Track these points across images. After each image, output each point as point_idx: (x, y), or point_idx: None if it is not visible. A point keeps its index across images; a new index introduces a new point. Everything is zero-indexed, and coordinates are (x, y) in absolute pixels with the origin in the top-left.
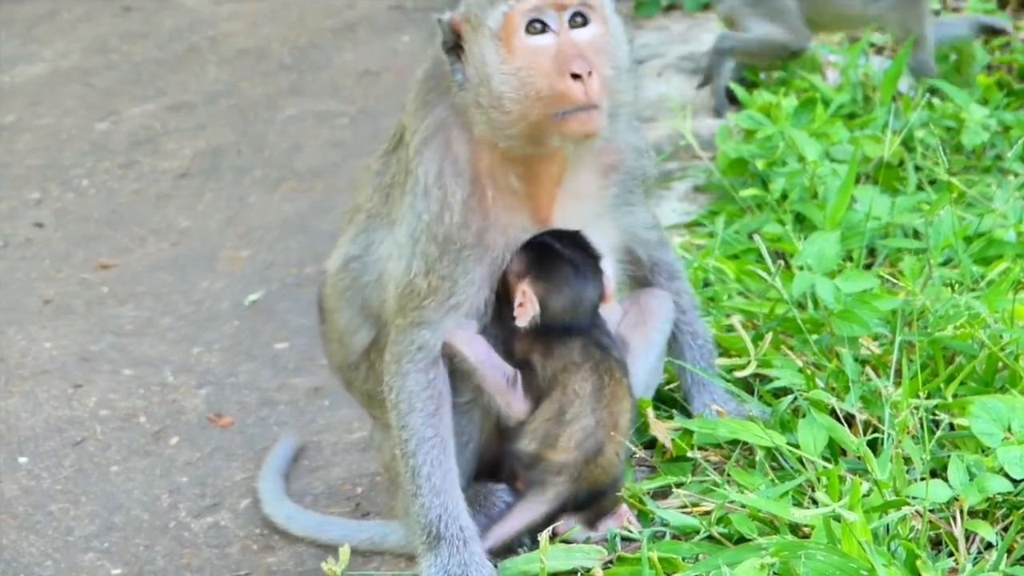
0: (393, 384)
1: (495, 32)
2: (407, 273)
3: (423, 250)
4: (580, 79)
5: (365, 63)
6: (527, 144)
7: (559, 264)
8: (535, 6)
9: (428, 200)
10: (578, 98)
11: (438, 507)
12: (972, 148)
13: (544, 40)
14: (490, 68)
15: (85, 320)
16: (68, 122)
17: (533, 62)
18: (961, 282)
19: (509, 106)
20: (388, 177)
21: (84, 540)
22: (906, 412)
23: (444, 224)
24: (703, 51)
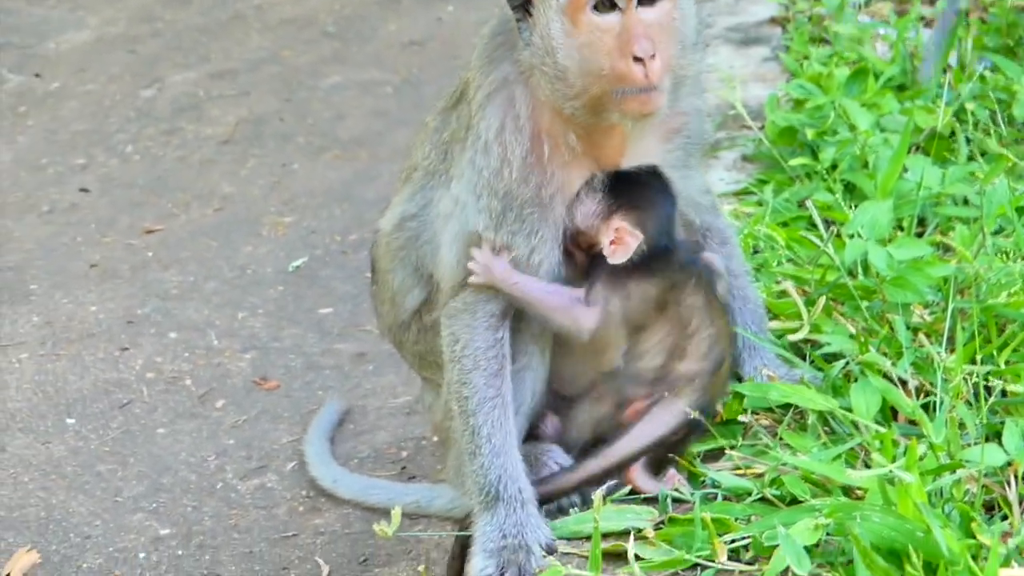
0: (460, 336)
1: (562, 5)
2: (472, 227)
3: (486, 205)
4: (642, 62)
5: (409, 33)
6: (589, 114)
7: (644, 188)
8: None
9: (488, 156)
10: (638, 80)
11: (498, 468)
12: (1023, 120)
13: (610, 19)
14: (555, 40)
15: (130, 284)
16: (113, 89)
17: (597, 39)
18: (1014, 251)
19: (571, 79)
20: (447, 133)
21: (132, 500)
22: (960, 377)
23: (504, 180)
24: (752, 22)
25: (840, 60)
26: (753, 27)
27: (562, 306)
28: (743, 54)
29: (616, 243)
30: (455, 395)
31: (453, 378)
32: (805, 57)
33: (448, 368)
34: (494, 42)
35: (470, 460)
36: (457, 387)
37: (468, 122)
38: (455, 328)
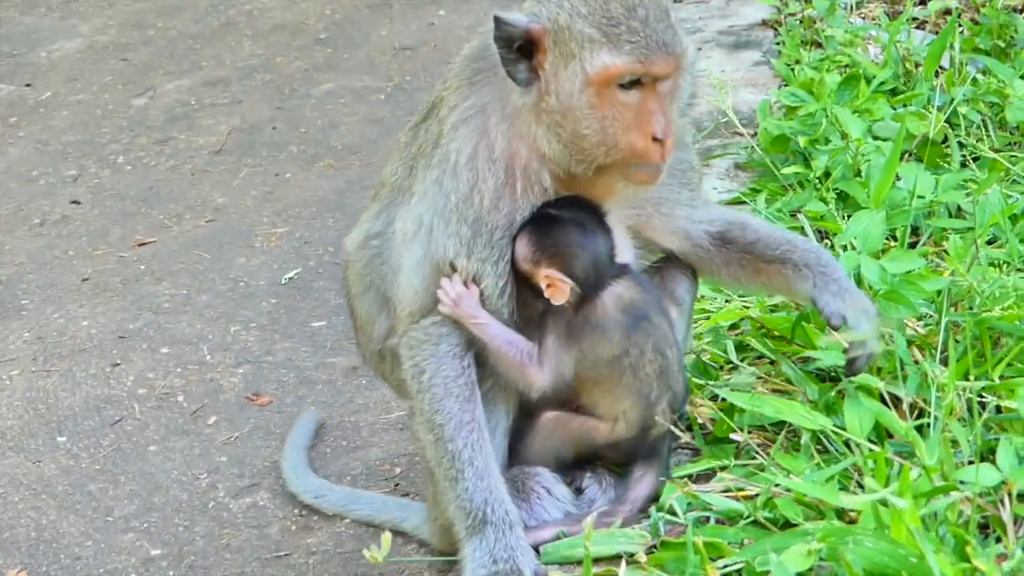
0: (426, 367)
1: (588, 76)
2: (441, 252)
3: (456, 231)
4: (660, 142)
5: (401, 38)
6: (587, 172)
7: (568, 231)
8: (638, 71)
9: (457, 180)
10: (654, 159)
11: (483, 490)
12: (1016, 124)
13: (632, 96)
14: (575, 106)
15: (122, 298)
16: (105, 98)
17: (618, 115)
18: (1008, 262)
19: (586, 146)
20: (414, 148)
21: (123, 520)
22: (953, 394)
23: (474, 206)
24: (743, 25)
25: (832, 64)
26: (744, 30)
27: (515, 362)
28: (734, 58)
29: (550, 290)
30: (427, 424)
31: (424, 407)
32: (797, 61)
33: (417, 398)
34: (476, 65)
35: (452, 486)
36: (429, 416)
37: (437, 139)
38: (419, 359)
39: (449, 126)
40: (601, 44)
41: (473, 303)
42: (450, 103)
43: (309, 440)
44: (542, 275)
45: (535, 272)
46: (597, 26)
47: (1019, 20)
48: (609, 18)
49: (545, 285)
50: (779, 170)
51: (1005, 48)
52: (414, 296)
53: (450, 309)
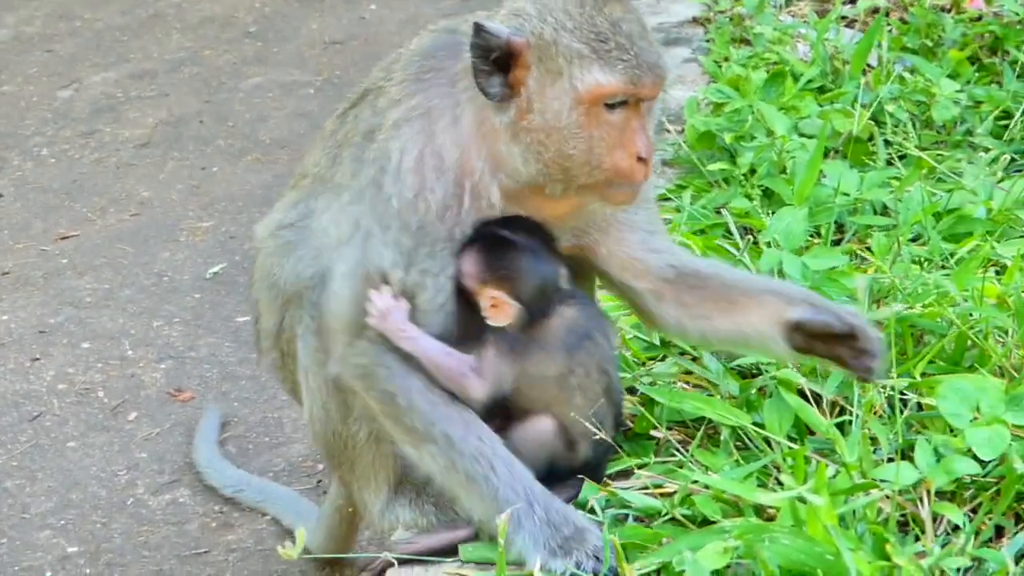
0: (394, 390)
1: (579, 94)
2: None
3: (395, 239)
4: (644, 161)
5: (331, 32)
6: (563, 191)
7: (516, 255)
8: (628, 92)
9: (400, 184)
10: (638, 179)
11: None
12: (942, 123)
13: (617, 115)
14: (562, 124)
15: (43, 292)
16: (30, 89)
17: (604, 134)
18: (930, 259)
19: (569, 164)
20: (340, 135)
21: (40, 517)
22: (873, 392)
23: (418, 213)
24: (673, 22)
25: (760, 61)
26: (675, 27)
27: (454, 373)
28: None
29: (493, 310)
30: (426, 437)
31: (415, 426)
32: (725, 59)
33: (398, 422)
34: (427, 63)
35: (471, 485)
36: (427, 430)
37: (371, 131)
38: (380, 385)
39: (390, 122)
40: (592, 61)
41: (402, 316)
42: (391, 96)
43: (217, 434)
44: (488, 295)
45: (480, 291)
46: (585, 42)
47: (947, 20)
48: (597, 33)
49: (489, 305)
50: (705, 167)
51: (932, 47)
52: (345, 307)
53: (377, 322)
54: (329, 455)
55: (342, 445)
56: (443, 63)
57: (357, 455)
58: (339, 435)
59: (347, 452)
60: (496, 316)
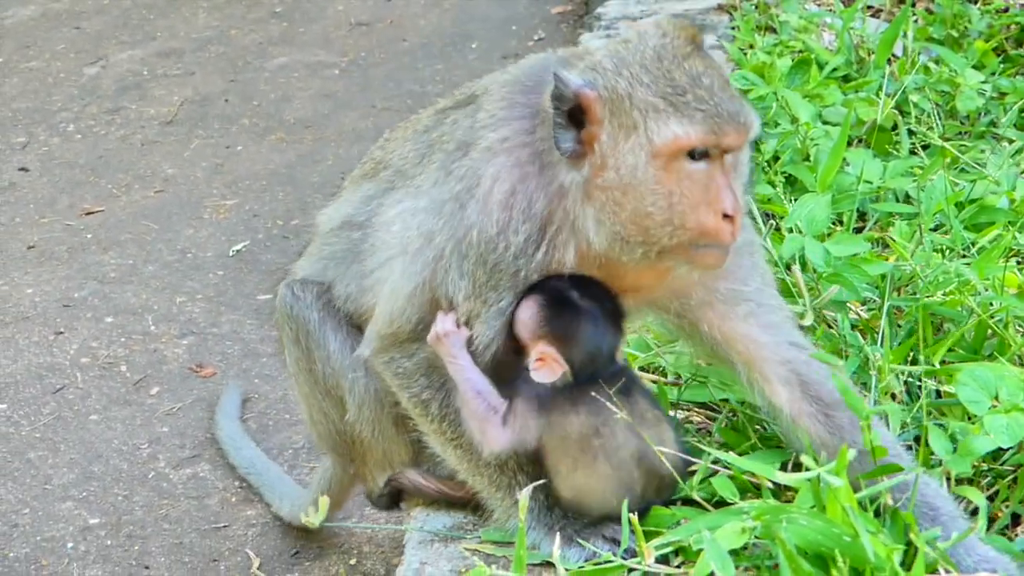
0: (429, 399)
1: (656, 148)
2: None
3: (471, 270)
4: (731, 219)
5: (357, 13)
6: (639, 256)
7: (575, 318)
8: (709, 142)
9: (487, 216)
10: (725, 239)
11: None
12: (966, 113)
13: (700, 169)
14: (639, 180)
15: (68, 266)
16: (57, 66)
17: (686, 190)
18: (952, 248)
19: (648, 224)
20: (435, 135)
21: (62, 488)
22: (891, 377)
23: (497, 252)
24: (698, 9)
25: (785, 49)
26: (700, 14)
27: (480, 413)
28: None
29: (540, 364)
30: (452, 444)
31: (446, 433)
32: (751, 46)
33: (432, 426)
34: (526, 84)
35: (495, 488)
36: (453, 437)
37: (466, 142)
38: (416, 391)
39: (484, 144)
40: (669, 114)
41: (459, 343)
42: (488, 112)
43: (239, 412)
44: (538, 350)
45: (531, 344)
46: (662, 95)
47: (973, 11)
48: (675, 87)
49: (536, 359)
50: None
51: (958, 38)
52: (402, 319)
53: (434, 341)
54: (338, 453)
55: (349, 442)
56: (537, 89)
57: (367, 449)
58: (343, 434)
59: (356, 448)
60: (540, 372)
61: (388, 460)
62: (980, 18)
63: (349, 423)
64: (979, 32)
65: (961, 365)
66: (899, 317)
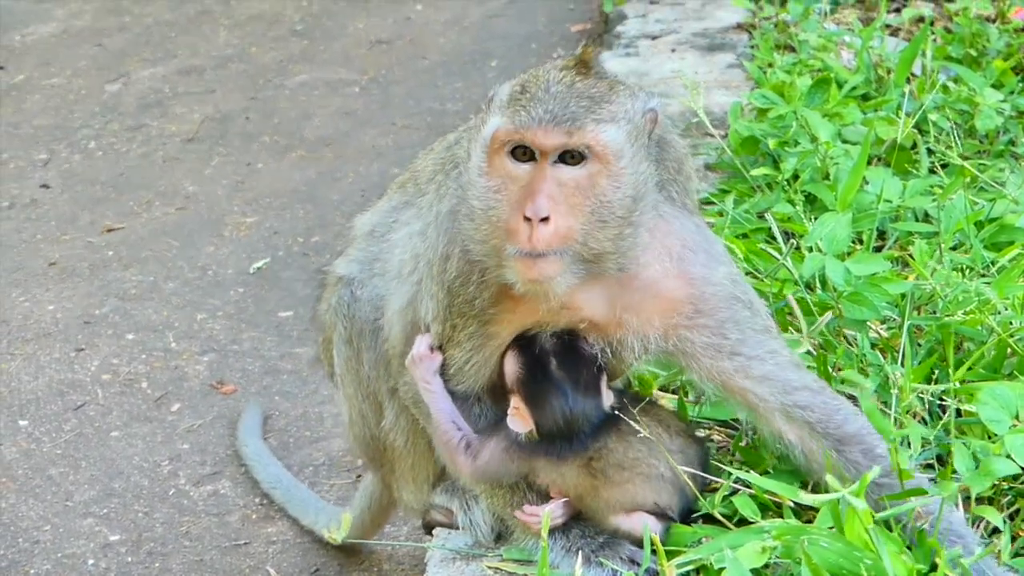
0: None
1: (483, 138)
2: (422, 310)
3: (435, 292)
4: (529, 222)
5: (377, 31)
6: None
7: (543, 387)
8: (519, 137)
9: (441, 237)
10: (520, 242)
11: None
12: (985, 132)
13: (523, 168)
14: (471, 177)
15: (89, 283)
16: (78, 83)
17: (505, 188)
18: (972, 267)
19: (476, 222)
20: (451, 153)
21: (83, 505)
22: (912, 397)
23: (447, 272)
24: (717, 28)
25: (804, 68)
26: (719, 33)
27: (450, 444)
28: (708, 60)
29: (515, 413)
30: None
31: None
32: (770, 64)
33: (438, 444)
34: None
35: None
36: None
37: (458, 164)
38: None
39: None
40: (501, 110)
41: (431, 369)
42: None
43: (260, 429)
44: (513, 401)
45: (510, 392)
46: (508, 94)
47: (991, 30)
48: (524, 87)
49: (513, 407)
50: (748, 171)
51: (977, 57)
52: (396, 339)
53: (410, 365)
54: (369, 458)
55: (381, 448)
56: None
57: (396, 458)
58: (377, 439)
59: (386, 455)
60: (513, 420)
61: (415, 474)
62: (999, 37)
63: (384, 430)
64: (998, 51)
65: (981, 384)
66: (919, 336)
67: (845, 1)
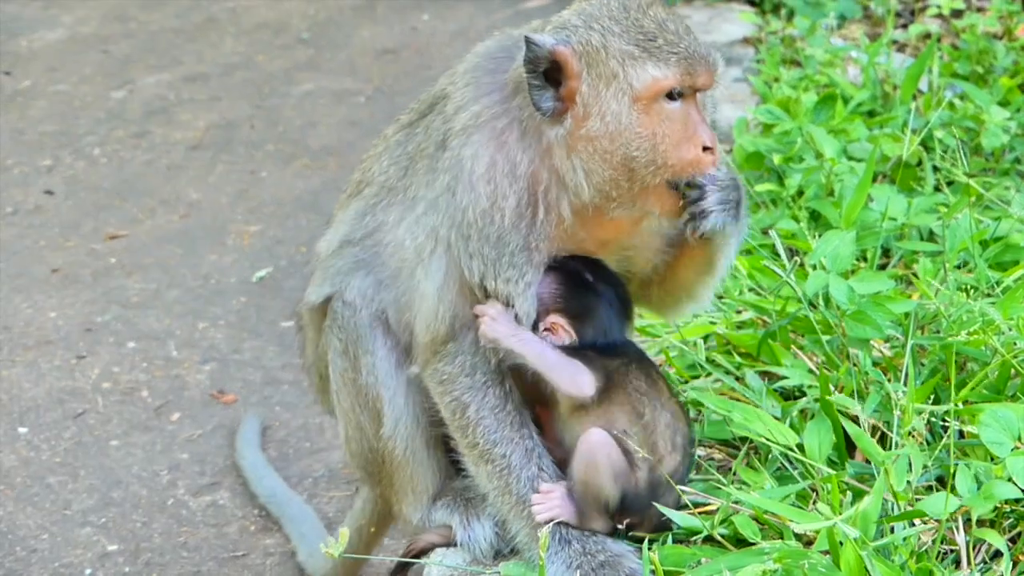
0: (468, 401)
1: (636, 92)
2: (468, 275)
3: (478, 250)
4: (711, 150)
5: (383, 41)
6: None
7: (590, 298)
8: (685, 83)
9: (475, 193)
10: (706, 168)
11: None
12: (991, 150)
13: (676, 107)
14: (623, 125)
15: (91, 290)
16: (84, 89)
17: (668, 129)
18: (976, 287)
19: (635, 166)
20: (411, 146)
21: (81, 514)
22: (917, 419)
23: (495, 224)
24: (724, 41)
25: (810, 83)
26: (725, 47)
27: (569, 369)
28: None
29: (551, 331)
30: (485, 456)
31: (477, 441)
32: (776, 79)
33: (464, 433)
34: (487, 67)
35: (520, 509)
36: (487, 448)
37: (443, 140)
38: (457, 393)
39: (459, 126)
40: (644, 59)
41: (511, 320)
42: (456, 101)
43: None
44: (548, 320)
45: (542, 316)
46: (635, 43)
47: (998, 47)
48: (645, 34)
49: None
50: (753, 187)
51: (983, 74)
52: (437, 322)
53: (488, 328)
54: (368, 473)
55: (380, 461)
56: (502, 67)
57: (395, 469)
58: (376, 451)
59: (385, 468)
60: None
61: (414, 484)
62: (1005, 54)
63: (383, 439)
64: (1004, 68)
65: (984, 405)
66: (922, 356)
67: (852, 16)
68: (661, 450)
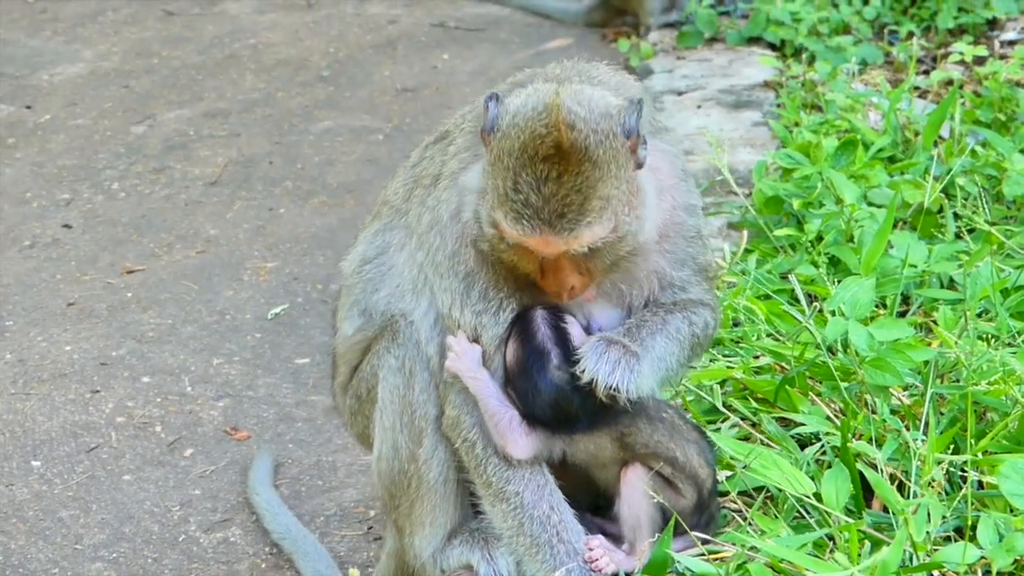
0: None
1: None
2: (440, 307)
3: (448, 285)
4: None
5: (403, 80)
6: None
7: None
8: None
9: (444, 238)
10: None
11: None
12: (1013, 198)
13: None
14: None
15: (107, 325)
16: (104, 124)
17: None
18: (997, 336)
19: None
20: (418, 170)
21: (92, 549)
22: (933, 471)
23: (463, 261)
24: (744, 85)
25: (831, 128)
26: (745, 90)
27: (503, 424)
28: (734, 117)
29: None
30: (499, 495)
31: (491, 479)
32: (796, 124)
33: (478, 472)
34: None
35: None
36: (500, 487)
37: (437, 176)
38: (465, 433)
39: (448, 172)
40: (504, 199)
41: (475, 359)
42: (457, 145)
43: (272, 477)
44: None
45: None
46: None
47: (1021, 94)
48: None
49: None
50: (772, 231)
51: (1006, 121)
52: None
53: (452, 363)
54: (390, 495)
55: (406, 484)
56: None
57: (421, 495)
58: (405, 473)
59: (409, 492)
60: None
61: (434, 516)
62: None
63: (419, 460)
64: None
65: (1004, 456)
66: (942, 405)
67: (873, 62)
68: (701, 475)
